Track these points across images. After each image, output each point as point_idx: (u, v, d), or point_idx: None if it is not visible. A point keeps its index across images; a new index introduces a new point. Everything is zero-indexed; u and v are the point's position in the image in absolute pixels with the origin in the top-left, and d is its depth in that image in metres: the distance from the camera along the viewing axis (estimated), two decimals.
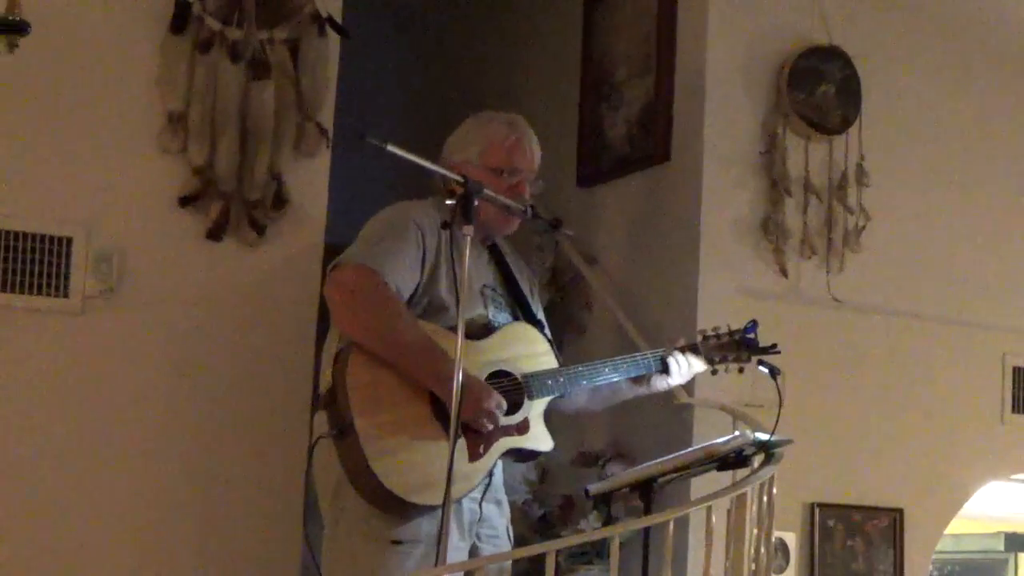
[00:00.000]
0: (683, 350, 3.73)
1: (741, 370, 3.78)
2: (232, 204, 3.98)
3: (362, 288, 3.31)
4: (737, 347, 3.75)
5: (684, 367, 3.72)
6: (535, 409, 3.51)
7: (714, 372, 3.79)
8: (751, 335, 3.76)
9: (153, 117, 3.96)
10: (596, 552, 4.10)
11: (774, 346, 3.74)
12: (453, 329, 3.10)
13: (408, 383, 3.29)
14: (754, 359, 3.69)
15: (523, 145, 3.62)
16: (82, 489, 3.86)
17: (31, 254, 3.84)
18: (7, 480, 3.80)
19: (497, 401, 3.36)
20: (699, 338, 3.76)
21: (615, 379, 3.68)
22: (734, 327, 3.76)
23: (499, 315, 3.59)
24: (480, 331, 3.49)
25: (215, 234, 3.98)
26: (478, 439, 3.36)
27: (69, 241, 3.87)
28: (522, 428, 3.47)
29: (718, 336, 3.76)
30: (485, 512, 3.50)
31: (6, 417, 3.81)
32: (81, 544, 3.84)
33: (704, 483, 3.69)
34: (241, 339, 4.01)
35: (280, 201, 4.03)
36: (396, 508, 3.25)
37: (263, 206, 4.01)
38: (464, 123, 3.68)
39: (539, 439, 3.52)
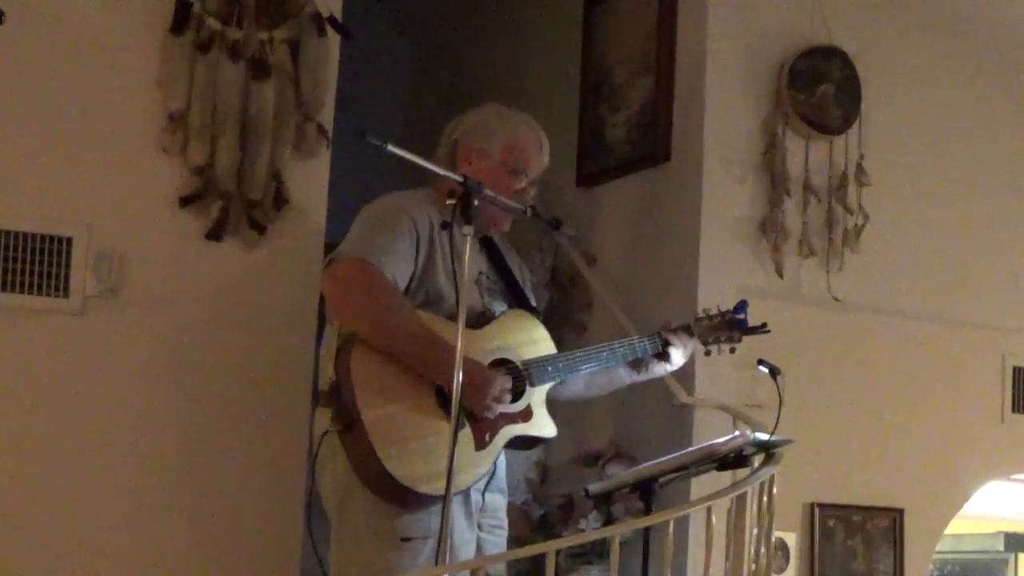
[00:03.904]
0: (677, 331, 3.77)
1: (733, 350, 3.83)
2: (232, 204, 3.98)
3: (360, 281, 3.32)
4: (729, 327, 3.80)
5: (682, 347, 3.75)
6: (537, 396, 3.53)
7: (707, 353, 3.84)
8: (741, 315, 3.80)
9: (153, 117, 3.95)
10: (596, 552, 4.10)
11: (764, 325, 3.80)
12: (452, 318, 3.11)
13: (412, 374, 3.29)
14: (754, 358, 3.69)
15: (543, 151, 3.64)
16: (82, 489, 3.85)
17: (31, 254, 3.83)
18: (7, 480, 3.80)
19: (501, 386, 3.36)
20: (692, 320, 3.80)
21: (613, 363, 3.69)
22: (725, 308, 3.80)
23: (495, 303, 3.59)
24: (478, 319, 3.49)
25: (215, 234, 3.97)
26: (484, 427, 3.37)
27: (69, 241, 3.86)
28: (526, 415, 3.48)
29: (710, 317, 3.81)
30: (488, 501, 3.51)
31: (6, 417, 3.81)
32: (81, 544, 3.84)
33: (704, 483, 3.69)
34: (241, 339, 4.00)
35: (280, 201, 4.02)
36: (404, 499, 3.26)
37: (263, 206, 4.00)
38: (485, 109, 3.67)
39: (542, 425, 3.54)
